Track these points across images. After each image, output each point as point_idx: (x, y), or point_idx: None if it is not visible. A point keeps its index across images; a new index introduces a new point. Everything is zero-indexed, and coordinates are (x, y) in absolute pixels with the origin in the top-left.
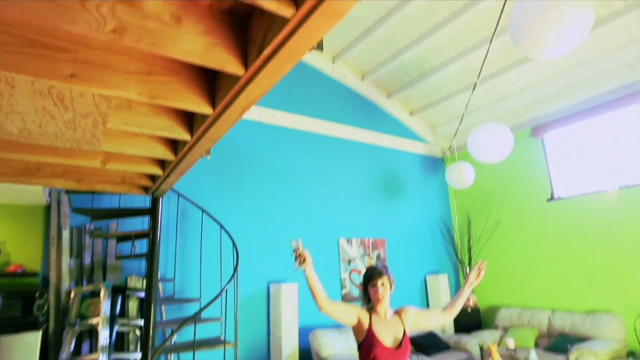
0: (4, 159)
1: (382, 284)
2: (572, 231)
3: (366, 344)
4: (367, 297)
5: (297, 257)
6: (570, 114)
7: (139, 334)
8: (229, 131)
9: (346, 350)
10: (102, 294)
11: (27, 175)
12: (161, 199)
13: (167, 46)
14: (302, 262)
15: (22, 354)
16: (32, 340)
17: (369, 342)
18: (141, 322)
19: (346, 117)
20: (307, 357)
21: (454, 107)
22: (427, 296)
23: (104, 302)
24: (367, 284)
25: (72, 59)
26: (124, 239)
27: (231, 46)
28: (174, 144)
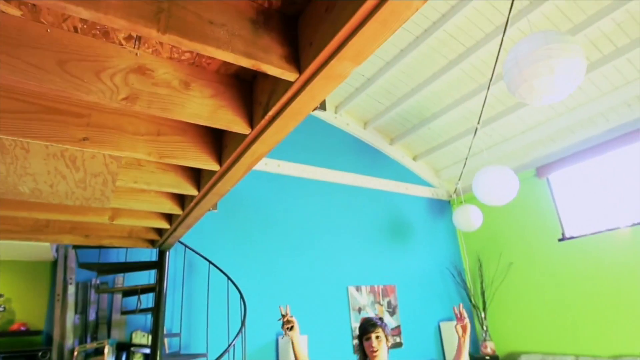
0: (14, 217)
1: (377, 337)
2: (589, 270)
3: None
4: (362, 351)
5: (285, 323)
6: (572, 153)
7: None
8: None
9: None
10: (106, 351)
11: (35, 232)
12: (168, 252)
13: (176, 110)
14: (290, 328)
15: None
16: None
17: None
18: None
19: (350, 165)
20: None
21: (457, 150)
22: (442, 344)
23: None
24: (362, 337)
25: (85, 123)
26: (129, 293)
27: (237, 108)
28: (181, 199)
